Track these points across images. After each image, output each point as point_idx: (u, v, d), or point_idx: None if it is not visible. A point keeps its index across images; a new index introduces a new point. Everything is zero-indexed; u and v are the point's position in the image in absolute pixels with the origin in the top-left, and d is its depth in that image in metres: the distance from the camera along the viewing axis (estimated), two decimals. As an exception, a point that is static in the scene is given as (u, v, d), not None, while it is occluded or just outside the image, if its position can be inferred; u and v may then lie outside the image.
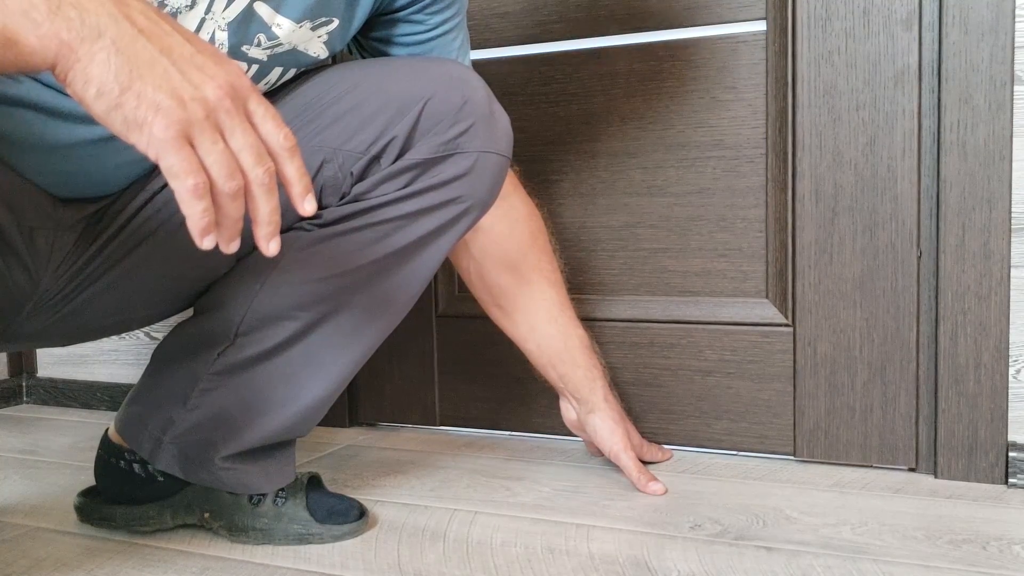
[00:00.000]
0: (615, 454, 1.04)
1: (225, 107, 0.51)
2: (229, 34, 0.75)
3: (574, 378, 1.05)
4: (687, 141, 1.17)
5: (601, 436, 1.05)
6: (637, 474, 1.02)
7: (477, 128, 0.82)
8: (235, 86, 0.52)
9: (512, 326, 1.06)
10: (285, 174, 0.54)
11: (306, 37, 0.81)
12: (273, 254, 0.54)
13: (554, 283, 1.05)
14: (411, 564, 0.83)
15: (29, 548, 0.90)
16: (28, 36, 0.48)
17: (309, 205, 0.55)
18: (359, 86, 0.82)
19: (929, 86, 1.03)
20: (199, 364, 0.86)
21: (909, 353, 1.06)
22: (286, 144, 0.54)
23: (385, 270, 0.84)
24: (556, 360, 1.05)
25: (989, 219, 1.00)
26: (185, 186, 0.49)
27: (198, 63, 0.51)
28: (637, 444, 1.08)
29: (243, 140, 0.52)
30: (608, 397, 1.06)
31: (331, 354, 0.86)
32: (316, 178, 0.83)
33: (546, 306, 1.04)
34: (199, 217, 0.50)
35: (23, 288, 0.77)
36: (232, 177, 0.51)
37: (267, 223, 0.53)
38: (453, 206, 0.84)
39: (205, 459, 0.87)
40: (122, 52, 0.49)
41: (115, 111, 0.49)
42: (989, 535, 0.86)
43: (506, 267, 1.03)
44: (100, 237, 0.81)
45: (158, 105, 0.49)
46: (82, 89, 0.49)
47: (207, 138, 0.50)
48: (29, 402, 1.66)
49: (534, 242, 1.04)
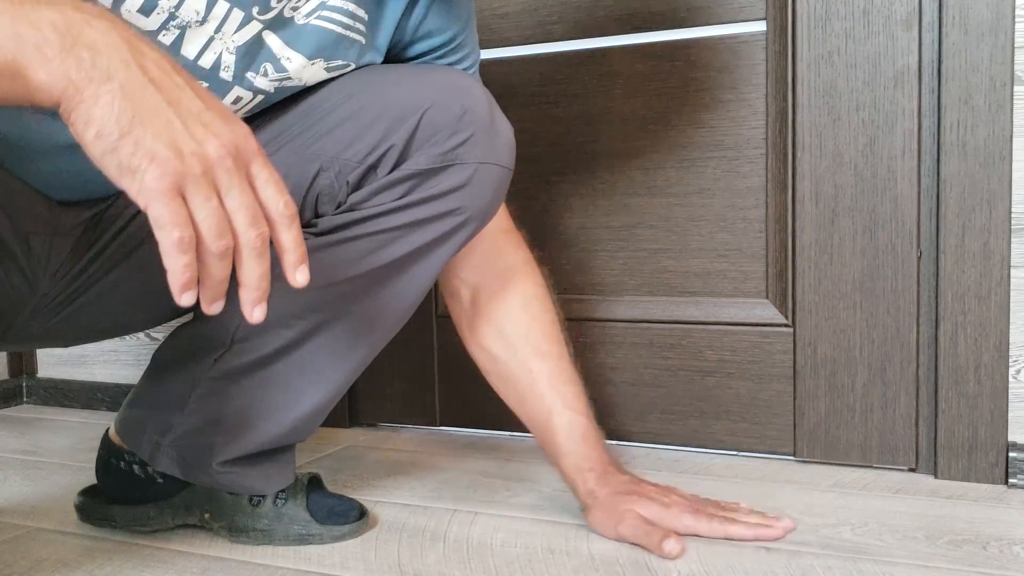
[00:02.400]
0: (623, 539, 0.87)
1: (225, 166, 0.50)
2: (236, 58, 0.74)
3: (562, 465, 0.92)
4: (687, 141, 1.17)
5: (601, 534, 0.89)
6: (648, 539, 0.84)
7: (477, 138, 0.81)
8: (240, 147, 0.51)
9: (502, 391, 0.96)
10: (280, 241, 0.53)
11: (319, 76, 0.80)
12: (257, 321, 0.53)
13: (545, 355, 0.93)
14: (411, 564, 0.83)
15: (30, 548, 0.90)
16: (37, 71, 0.48)
17: (301, 276, 0.54)
18: (358, 94, 0.81)
19: (929, 86, 1.03)
20: (197, 369, 0.86)
21: (909, 353, 1.06)
22: (286, 212, 0.53)
23: (381, 281, 0.83)
24: (543, 439, 0.93)
25: (989, 219, 1.00)
26: (170, 238, 0.48)
27: (205, 119, 0.51)
28: (655, 515, 0.87)
29: (239, 200, 0.51)
30: (595, 491, 0.89)
31: (328, 362, 0.86)
32: (312, 186, 0.82)
33: (531, 379, 0.93)
34: (180, 272, 0.49)
35: (21, 292, 0.77)
36: (221, 236, 0.50)
37: (254, 288, 0.52)
38: (451, 218, 0.82)
39: (204, 463, 0.87)
40: (128, 98, 0.48)
41: (111, 155, 0.48)
42: (989, 535, 0.86)
43: (493, 328, 0.95)
44: (98, 241, 0.81)
45: (154, 154, 0.48)
46: (82, 129, 0.48)
47: (200, 194, 0.49)
48: (29, 402, 1.66)
49: (526, 306, 0.95)
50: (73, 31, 0.48)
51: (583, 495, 0.90)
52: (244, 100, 0.77)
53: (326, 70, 0.80)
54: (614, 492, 0.88)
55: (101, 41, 0.49)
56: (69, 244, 0.80)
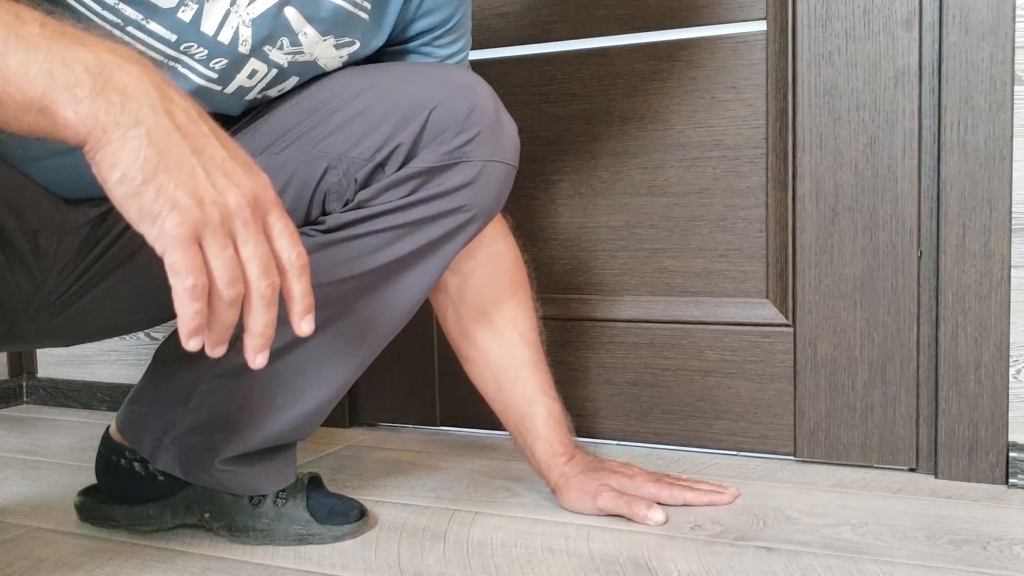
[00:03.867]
0: (603, 511, 0.93)
1: (244, 217, 0.52)
2: (253, 31, 0.75)
3: (535, 451, 0.96)
4: (687, 141, 1.17)
5: (577, 510, 0.95)
6: (629, 509, 0.91)
7: (483, 137, 0.82)
8: (259, 198, 0.53)
9: (481, 381, 0.98)
10: (290, 290, 0.55)
11: (328, 53, 0.81)
12: (259, 367, 0.54)
13: (529, 342, 0.97)
14: (411, 564, 0.83)
15: (30, 548, 0.90)
16: (66, 109, 0.49)
17: (307, 326, 0.56)
18: (366, 92, 0.82)
19: (929, 86, 1.03)
20: (201, 365, 0.86)
21: (909, 353, 1.06)
22: (297, 263, 0.54)
23: (388, 277, 0.84)
24: (520, 426, 0.97)
25: (989, 219, 1.00)
26: (184, 285, 0.50)
27: (227, 169, 0.52)
28: (626, 484, 0.95)
29: (254, 251, 0.52)
30: (566, 472, 0.95)
31: (332, 359, 0.86)
32: (320, 183, 0.83)
33: (515, 365, 0.96)
34: (190, 318, 0.50)
35: (26, 290, 0.77)
36: (233, 284, 0.51)
37: (259, 335, 0.54)
38: (457, 215, 0.83)
39: (205, 461, 0.87)
40: (154, 144, 0.49)
41: (133, 199, 0.49)
42: (989, 535, 0.86)
43: (480, 316, 0.96)
44: (102, 240, 0.81)
45: (176, 201, 0.49)
46: (107, 171, 0.49)
47: (217, 243, 0.51)
48: (29, 402, 1.66)
49: (514, 294, 0.97)
50: (105, 73, 0.50)
51: (555, 477, 0.96)
52: (260, 73, 0.78)
53: (335, 47, 0.81)
54: (584, 471, 0.95)
55: (132, 85, 0.50)
56: (75, 242, 0.80)
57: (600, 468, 0.97)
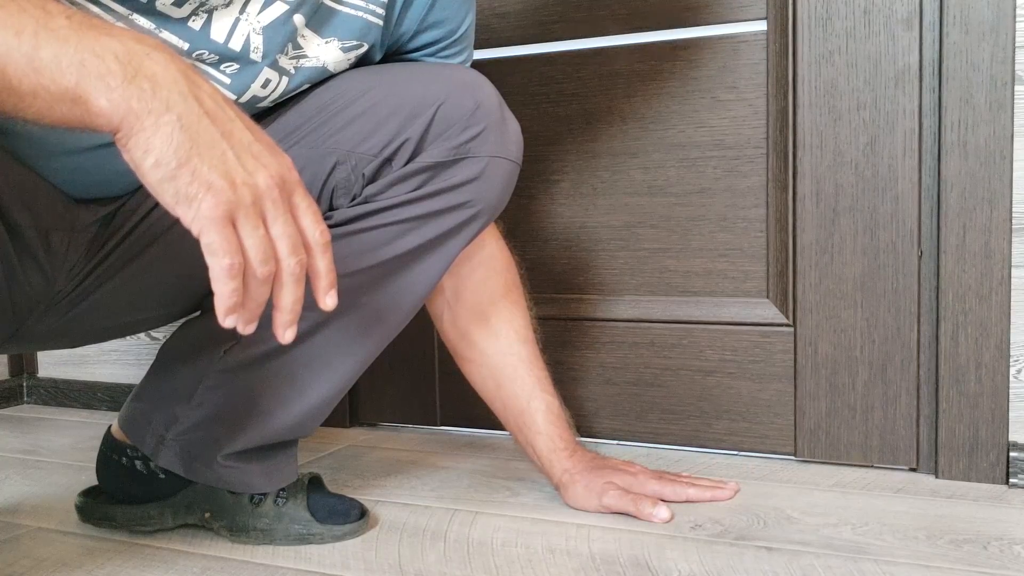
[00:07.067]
0: (608, 509, 0.94)
1: (272, 196, 0.53)
2: (264, 39, 0.76)
3: (536, 446, 0.97)
4: (688, 141, 1.17)
5: (582, 508, 0.96)
6: (635, 507, 0.92)
7: (488, 133, 0.83)
8: (285, 178, 0.54)
9: (480, 380, 0.99)
10: (315, 267, 0.57)
11: (337, 57, 0.82)
12: (287, 342, 0.56)
13: (525, 340, 0.98)
14: (412, 564, 0.83)
15: (30, 548, 0.90)
16: (99, 98, 0.50)
17: (331, 300, 0.57)
18: (373, 89, 0.83)
19: (930, 86, 1.03)
20: (205, 361, 0.86)
21: (910, 353, 1.06)
22: (321, 240, 0.56)
23: (393, 272, 0.85)
24: (519, 423, 0.97)
25: (990, 219, 1.00)
26: (221, 264, 0.51)
27: (255, 151, 0.54)
28: (632, 482, 0.96)
29: (283, 229, 0.54)
30: (570, 468, 0.96)
31: (336, 355, 0.86)
32: (328, 179, 0.83)
33: (512, 363, 0.97)
34: (228, 296, 0.52)
35: (38, 289, 0.78)
36: (266, 262, 0.53)
37: (288, 311, 0.55)
38: (463, 210, 0.84)
39: (207, 457, 0.87)
40: (186, 129, 0.51)
41: (168, 183, 0.50)
42: (990, 535, 0.86)
43: (477, 317, 0.97)
44: (113, 238, 0.82)
45: (211, 184, 0.51)
46: (141, 157, 0.50)
47: (250, 223, 0.52)
48: (30, 402, 1.66)
49: (508, 294, 0.98)
50: (135, 62, 0.51)
51: (558, 473, 0.96)
52: (273, 82, 0.79)
53: (342, 50, 0.82)
54: (588, 468, 0.96)
55: (161, 73, 0.51)
56: (85, 241, 0.80)
57: (604, 466, 0.97)
